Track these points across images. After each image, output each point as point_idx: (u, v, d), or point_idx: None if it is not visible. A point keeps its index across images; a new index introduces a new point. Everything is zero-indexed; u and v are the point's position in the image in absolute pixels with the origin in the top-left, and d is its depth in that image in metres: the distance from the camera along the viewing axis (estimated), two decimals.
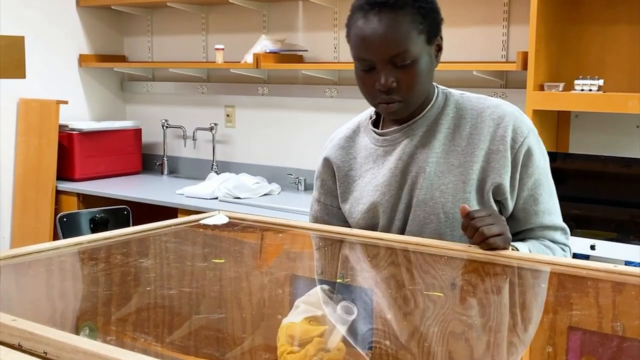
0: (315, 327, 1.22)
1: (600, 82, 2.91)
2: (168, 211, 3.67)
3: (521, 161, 1.63)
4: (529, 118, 1.71)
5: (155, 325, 1.29)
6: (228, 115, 4.46)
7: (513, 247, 1.58)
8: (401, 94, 1.62)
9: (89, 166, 4.35)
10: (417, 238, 1.64)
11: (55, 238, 3.83)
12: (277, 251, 1.84)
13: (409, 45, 1.58)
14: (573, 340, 1.24)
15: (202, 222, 1.86)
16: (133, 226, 1.81)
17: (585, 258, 2.79)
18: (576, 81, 2.95)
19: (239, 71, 4.17)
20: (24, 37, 1.66)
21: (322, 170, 1.84)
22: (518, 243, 1.63)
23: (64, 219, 3.71)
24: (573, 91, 2.95)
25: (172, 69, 4.51)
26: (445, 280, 1.51)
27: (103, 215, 3.79)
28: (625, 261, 2.81)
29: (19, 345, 1.07)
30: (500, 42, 3.45)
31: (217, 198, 3.79)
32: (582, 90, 2.93)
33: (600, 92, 2.90)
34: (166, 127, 4.62)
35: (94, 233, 1.75)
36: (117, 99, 4.90)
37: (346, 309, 1.17)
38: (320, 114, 4.09)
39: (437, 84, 1.74)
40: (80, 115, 4.63)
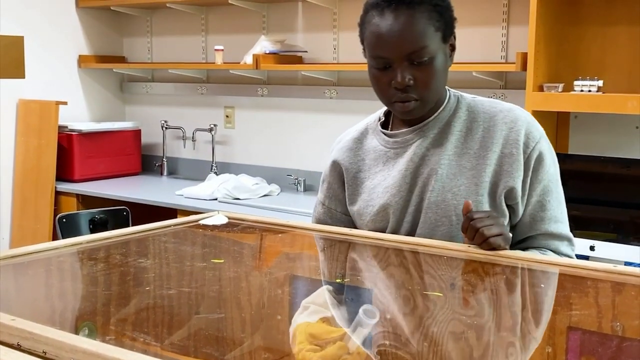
0: (337, 329, 1.21)
1: (600, 83, 2.91)
2: (167, 212, 3.67)
3: (532, 166, 1.62)
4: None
5: (154, 325, 1.29)
6: (227, 116, 4.46)
7: None
8: (417, 92, 1.60)
9: (88, 167, 4.35)
10: (417, 239, 1.64)
11: (55, 239, 3.82)
12: (277, 251, 1.84)
13: (427, 42, 1.57)
14: (572, 340, 1.24)
15: (202, 223, 1.86)
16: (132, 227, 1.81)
17: (585, 259, 2.79)
18: (575, 82, 2.95)
19: (238, 72, 4.17)
20: (23, 37, 1.66)
21: (329, 173, 1.82)
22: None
23: (64, 220, 3.71)
24: (572, 92, 2.96)
25: (172, 70, 4.51)
26: (446, 280, 1.51)
27: (102, 216, 3.79)
28: (625, 262, 2.81)
29: (18, 344, 1.07)
30: (500, 43, 3.45)
31: (217, 199, 3.79)
32: (582, 91, 2.93)
33: (600, 93, 2.90)
34: (165, 128, 4.62)
35: (93, 234, 1.74)
36: (117, 99, 4.90)
37: (369, 312, 1.17)
38: (320, 114, 4.09)
39: (448, 87, 1.72)
40: (79, 116, 4.63)
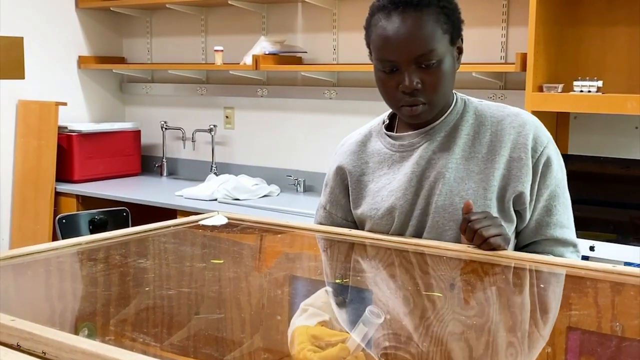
0: (338, 332, 1.21)
1: (599, 83, 2.91)
2: (167, 213, 3.67)
3: (540, 170, 1.62)
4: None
5: (153, 326, 1.29)
6: (227, 116, 4.46)
7: None
8: (425, 96, 1.59)
9: (88, 168, 4.35)
10: (417, 239, 1.64)
11: (55, 239, 3.82)
12: (276, 252, 1.84)
13: (435, 45, 1.56)
14: (572, 340, 1.24)
15: (201, 223, 1.85)
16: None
17: (585, 259, 2.79)
18: (575, 82, 2.95)
19: (238, 73, 4.17)
20: (22, 38, 1.66)
21: (332, 177, 1.80)
22: None
23: (63, 221, 3.71)
24: (572, 92, 2.96)
25: (171, 71, 4.51)
26: (446, 281, 1.51)
27: (102, 216, 3.79)
28: (625, 262, 2.81)
29: (18, 345, 1.07)
30: (499, 44, 3.45)
31: (217, 199, 3.79)
32: (581, 91, 2.93)
33: (599, 94, 2.90)
34: (165, 129, 4.62)
35: (93, 234, 1.75)
36: (116, 100, 4.90)
37: (374, 312, 1.17)
38: (320, 115, 4.09)
39: (455, 91, 1.71)
40: (79, 117, 4.63)
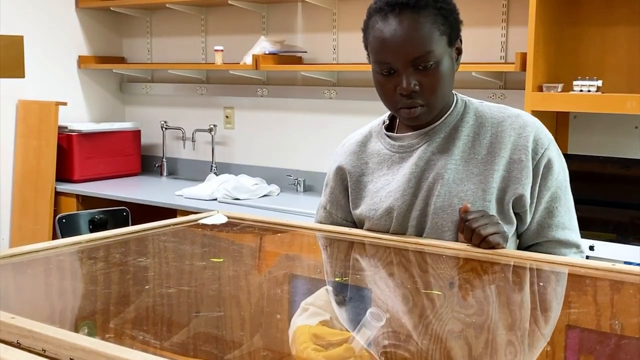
0: (340, 332, 1.21)
1: (599, 83, 2.91)
2: (167, 212, 3.67)
3: (541, 172, 1.61)
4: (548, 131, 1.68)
5: (153, 324, 1.29)
6: (227, 116, 4.46)
7: None
8: (424, 98, 1.58)
9: (88, 167, 4.35)
10: (416, 238, 1.64)
11: (55, 239, 3.82)
12: (276, 250, 1.84)
13: (432, 46, 1.55)
14: (571, 339, 1.24)
15: (201, 222, 1.86)
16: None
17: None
18: (575, 82, 2.95)
19: (238, 72, 4.17)
20: (22, 37, 1.66)
21: (332, 178, 1.80)
22: None
23: (63, 220, 3.71)
24: (572, 92, 2.96)
25: (171, 71, 4.51)
26: (446, 279, 1.51)
27: (102, 216, 3.79)
28: (625, 262, 2.81)
29: (18, 342, 1.08)
30: (499, 43, 3.46)
31: (216, 199, 3.79)
32: (581, 91, 2.93)
33: (599, 93, 2.90)
34: (165, 129, 4.62)
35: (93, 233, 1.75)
36: (116, 100, 4.90)
37: (375, 314, 1.17)
38: (319, 115, 4.09)
39: (456, 92, 1.71)
40: (79, 117, 4.63)
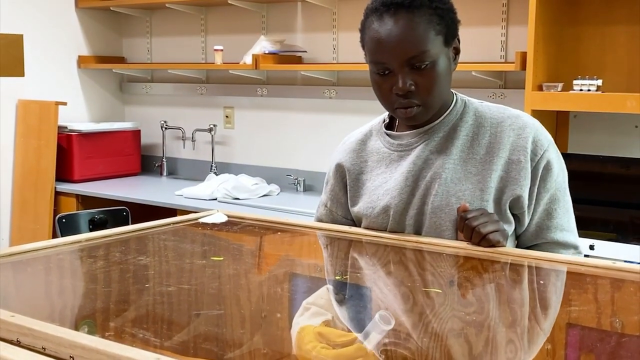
0: (346, 333, 1.21)
1: (599, 82, 2.91)
2: (167, 212, 3.67)
3: (540, 174, 1.61)
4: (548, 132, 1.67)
5: (153, 322, 1.29)
6: (227, 116, 4.46)
7: None
8: (420, 98, 1.58)
9: (88, 167, 4.35)
10: (416, 236, 1.64)
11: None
12: (276, 249, 1.84)
13: (427, 46, 1.55)
14: (572, 336, 1.24)
15: (201, 221, 1.85)
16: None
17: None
18: (575, 81, 2.95)
19: (238, 72, 4.17)
20: (22, 36, 1.66)
21: (332, 175, 1.80)
22: None
23: (63, 220, 3.71)
24: (572, 91, 2.96)
25: (171, 70, 4.51)
26: (447, 277, 1.51)
27: (102, 216, 3.79)
28: (625, 261, 2.81)
29: (18, 341, 1.07)
30: (499, 43, 3.46)
31: (216, 199, 3.79)
32: (581, 90, 2.93)
33: (599, 92, 2.90)
34: (165, 129, 4.62)
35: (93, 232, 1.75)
36: (116, 100, 4.90)
37: (384, 318, 1.17)
38: (319, 115, 4.09)
39: (456, 92, 1.71)
40: (79, 117, 4.63)
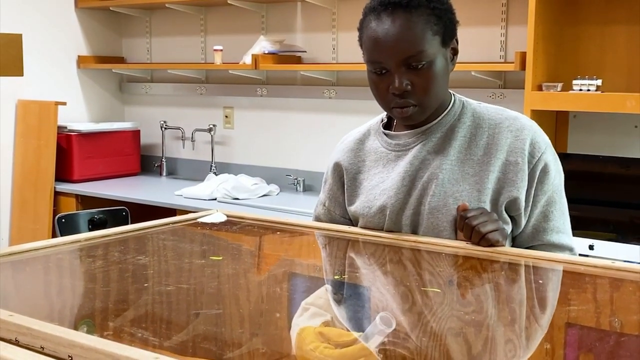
0: (347, 333, 1.21)
1: (599, 82, 2.91)
2: (167, 212, 3.67)
3: (537, 177, 1.60)
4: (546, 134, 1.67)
5: (152, 322, 1.29)
6: (227, 116, 4.46)
7: None
8: (416, 98, 1.58)
9: (87, 167, 4.35)
10: (415, 236, 1.64)
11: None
12: (276, 249, 1.84)
13: (424, 46, 1.55)
14: (571, 336, 1.24)
15: (200, 220, 1.85)
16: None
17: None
18: (574, 81, 2.95)
19: (237, 72, 4.17)
20: (21, 35, 1.66)
21: (330, 174, 1.81)
22: None
23: (63, 220, 3.71)
24: (571, 91, 2.96)
25: (171, 70, 4.51)
26: (446, 277, 1.51)
27: (101, 216, 3.79)
28: (624, 261, 2.81)
29: (16, 340, 1.07)
30: (499, 43, 3.46)
31: (216, 199, 3.79)
32: (581, 90, 2.93)
33: (599, 92, 2.90)
34: (165, 129, 4.62)
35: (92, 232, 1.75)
36: (116, 100, 4.90)
37: (385, 319, 1.17)
38: (319, 115, 4.09)
39: (454, 92, 1.71)
40: (78, 117, 4.63)
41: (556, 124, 3.27)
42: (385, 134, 1.73)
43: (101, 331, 1.21)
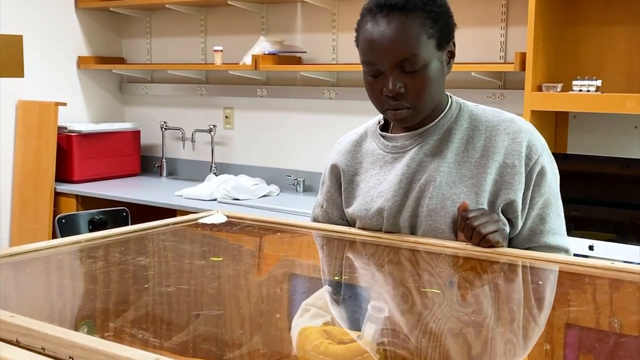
0: (349, 331, 1.22)
1: (598, 83, 2.91)
2: (167, 213, 3.67)
3: (534, 180, 1.61)
4: (542, 137, 1.67)
5: (152, 322, 1.29)
6: (227, 116, 4.46)
7: None
8: (409, 100, 1.58)
9: (87, 168, 4.36)
10: (415, 237, 1.64)
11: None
12: (276, 250, 1.84)
13: (418, 49, 1.54)
14: (570, 337, 1.24)
15: (201, 221, 1.86)
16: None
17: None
18: (574, 82, 2.95)
19: (237, 73, 4.18)
20: (22, 36, 1.67)
21: (328, 176, 1.81)
22: None
23: (63, 221, 3.72)
24: (571, 92, 2.96)
25: (171, 71, 4.51)
26: (446, 278, 1.51)
27: (102, 216, 3.80)
28: (624, 262, 2.81)
29: (17, 341, 1.08)
30: (499, 43, 3.46)
31: (216, 199, 3.79)
32: (580, 90, 2.93)
33: (598, 93, 2.90)
34: (165, 129, 4.62)
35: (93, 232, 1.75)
36: (116, 100, 4.90)
37: (376, 307, 1.17)
38: (319, 115, 4.09)
39: (451, 94, 1.71)
40: (79, 117, 4.63)
41: (556, 124, 3.27)
42: (382, 136, 1.73)
43: (102, 332, 1.21)
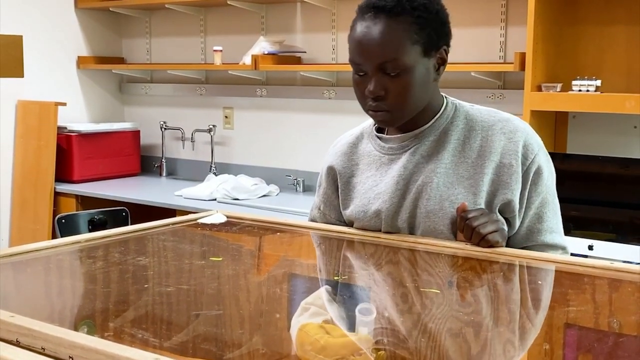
0: (349, 332, 1.22)
1: (598, 83, 2.91)
2: (166, 212, 3.67)
3: (531, 179, 1.61)
4: (538, 136, 1.67)
5: (152, 322, 1.29)
6: (226, 116, 4.46)
7: None
8: (388, 104, 1.58)
9: (87, 168, 4.36)
10: (415, 237, 1.64)
11: (54, 239, 3.82)
12: (275, 250, 1.84)
13: (399, 54, 1.54)
14: (570, 336, 1.24)
15: (200, 221, 1.86)
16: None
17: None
18: (574, 82, 2.95)
19: (237, 73, 4.18)
20: (22, 36, 1.67)
21: (324, 178, 1.81)
22: None
23: (63, 221, 3.72)
24: (571, 92, 2.96)
25: (171, 71, 4.51)
26: (445, 278, 1.52)
27: (101, 216, 3.80)
28: (623, 262, 2.81)
29: (17, 341, 1.08)
30: (498, 43, 3.46)
31: (216, 199, 3.79)
32: (580, 90, 2.93)
33: (598, 93, 2.91)
34: (164, 129, 4.62)
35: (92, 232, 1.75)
36: (116, 100, 4.90)
37: (364, 310, 1.18)
38: (319, 115, 4.09)
39: (447, 95, 1.70)
40: (78, 117, 4.63)
41: (555, 124, 3.27)
42: (378, 137, 1.73)
43: (102, 332, 1.22)
